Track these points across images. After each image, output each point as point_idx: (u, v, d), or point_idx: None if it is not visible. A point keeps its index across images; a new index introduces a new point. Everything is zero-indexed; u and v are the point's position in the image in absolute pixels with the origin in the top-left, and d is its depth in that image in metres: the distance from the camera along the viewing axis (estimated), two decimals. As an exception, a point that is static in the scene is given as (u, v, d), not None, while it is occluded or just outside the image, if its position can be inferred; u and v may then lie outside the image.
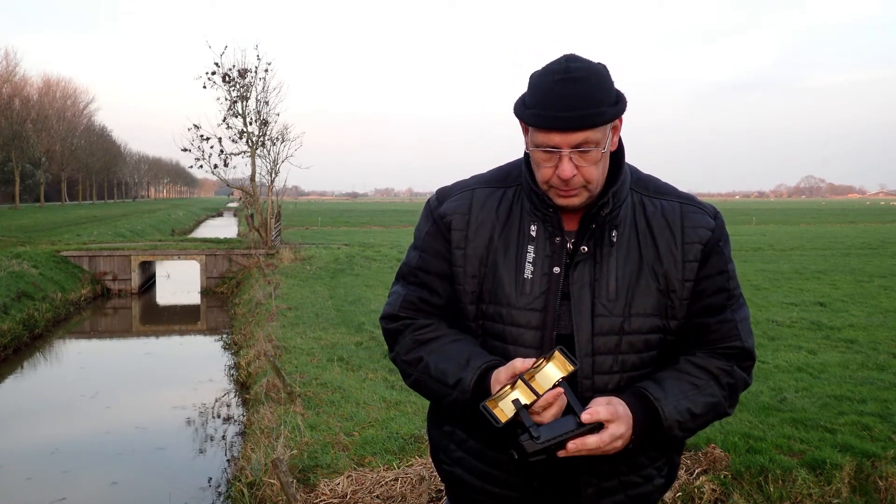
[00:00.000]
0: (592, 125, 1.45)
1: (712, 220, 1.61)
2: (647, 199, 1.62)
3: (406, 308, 1.67)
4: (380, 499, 4.29)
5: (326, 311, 11.29)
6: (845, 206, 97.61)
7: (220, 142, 21.29)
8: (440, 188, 1.73)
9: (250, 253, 19.65)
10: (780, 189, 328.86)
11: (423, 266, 1.66)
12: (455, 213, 1.64)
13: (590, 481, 1.57)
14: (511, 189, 1.64)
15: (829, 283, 13.83)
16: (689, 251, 1.57)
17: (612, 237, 1.57)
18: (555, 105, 1.45)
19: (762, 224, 43.84)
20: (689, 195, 1.67)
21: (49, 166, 61.45)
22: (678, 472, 1.74)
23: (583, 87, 1.45)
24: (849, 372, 6.79)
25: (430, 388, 1.61)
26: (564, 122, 1.44)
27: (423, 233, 1.68)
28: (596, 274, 1.55)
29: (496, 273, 1.59)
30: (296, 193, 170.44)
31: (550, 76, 1.48)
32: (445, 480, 1.74)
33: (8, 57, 54.42)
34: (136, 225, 35.28)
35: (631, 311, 1.54)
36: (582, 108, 1.44)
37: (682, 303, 1.57)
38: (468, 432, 1.65)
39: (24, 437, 8.19)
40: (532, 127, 1.50)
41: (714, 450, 4.54)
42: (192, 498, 6.22)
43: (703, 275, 1.58)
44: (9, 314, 12.67)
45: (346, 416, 5.81)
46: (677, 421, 1.51)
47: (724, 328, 1.59)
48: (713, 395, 1.56)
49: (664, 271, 1.56)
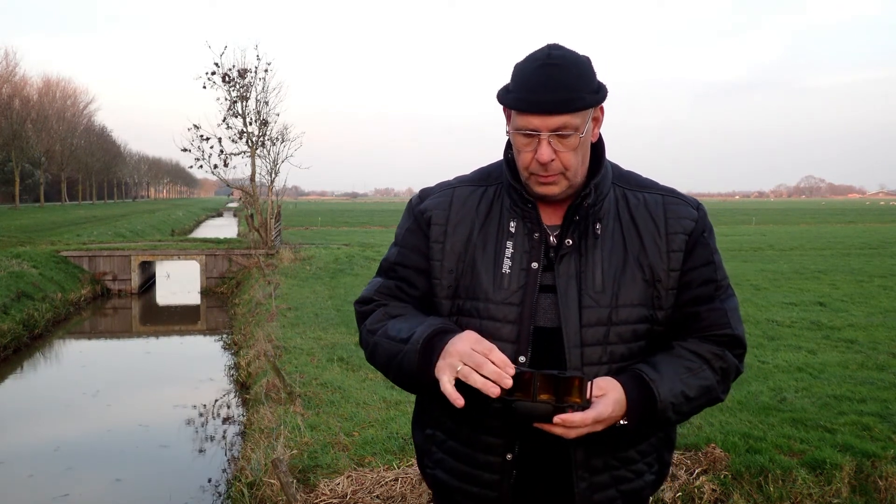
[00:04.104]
0: (571, 109, 1.48)
1: (695, 211, 1.64)
2: (629, 192, 1.64)
3: (381, 293, 1.69)
4: (380, 499, 4.29)
5: (326, 311, 11.29)
6: (845, 206, 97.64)
7: (220, 142, 21.29)
8: (423, 188, 1.77)
9: (250, 253, 19.65)
10: (780, 189, 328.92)
11: (402, 261, 1.69)
12: (435, 209, 1.66)
13: (582, 476, 1.56)
14: (492, 188, 1.67)
15: (829, 283, 13.82)
16: (673, 241, 1.59)
17: (596, 230, 1.59)
18: (535, 89, 1.48)
19: (762, 224, 43.85)
20: (672, 188, 1.69)
21: (49, 166, 61.44)
22: (669, 470, 1.73)
23: (563, 73, 1.48)
24: (849, 372, 6.79)
25: (386, 350, 1.58)
26: (544, 105, 1.48)
27: (404, 229, 1.71)
28: (581, 266, 1.57)
29: (474, 268, 1.60)
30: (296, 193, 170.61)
31: (533, 62, 1.51)
32: (430, 484, 1.74)
33: (8, 57, 54.38)
34: (136, 225, 35.29)
35: (618, 301, 1.55)
36: (561, 93, 1.47)
37: (669, 293, 1.59)
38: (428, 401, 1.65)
39: (25, 436, 8.20)
40: (513, 110, 1.53)
41: (714, 450, 4.54)
42: (192, 498, 6.22)
43: (690, 266, 1.60)
44: (9, 314, 12.67)
45: (346, 416, 5.81)
46: (671, 403, 1.51)
47: (713, 316, 1.60)
48: (706, 378, 1.56)
49: (649, 262, 1.58)
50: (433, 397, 1.58)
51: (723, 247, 23.16)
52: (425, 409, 1.74)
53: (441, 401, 1.51)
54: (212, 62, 21.71)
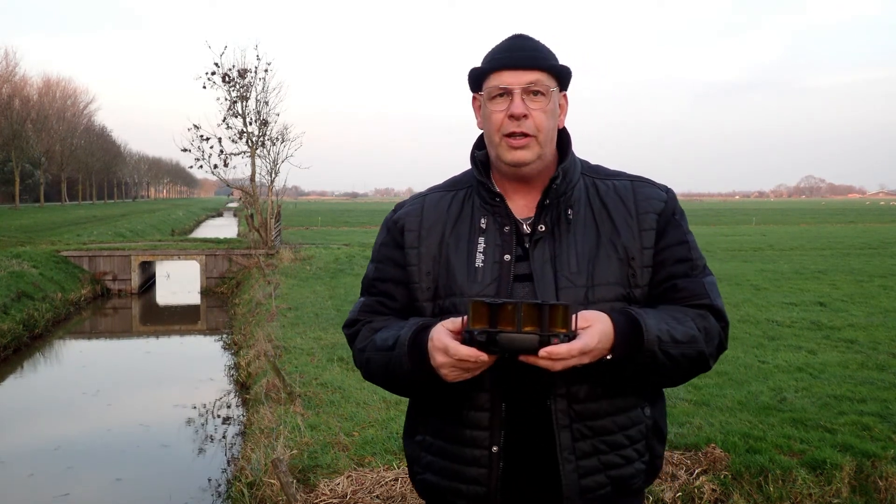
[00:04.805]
0: (542, 66, 1.59)
1: (664, 193, 1.69)
2: (598, 181, 1.70)
3: (364, 312, 1.74)
4: (380, 499, 4.29)
5: (326, 311, 11.29)
6: (845, 206, 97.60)
7: (220, 142, 21.31)
8: (397, 203, 1.82)
9: (250, 253, 19.65)
10: (780, 189, 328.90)
11: (380, 276, 1.74)
12: (408, 217, 1.72)
13: (568, 458, 1.56)
14: (462, 191, 1.72)
15: (829, 283, 13.82)
16: (643, 221, 1.63)
17: (568, 215, 1.63)
18: (507, 49, 1.61)
19: (762, 224, 43.86)
20: (640, 175, 1.74)
21: (49, 166, 61.46)
22: (661, 464, 1.72)
23: (531, 41, 1.63)
24: (849, 372, 6.79)
25: (378, 362, 1.63)
26: (516, 59, 1.58)
27: (379, 244, 1.77)
28: (556, 250, 1.60)
29: (449, 267, 1.63)
30: (296, 193, 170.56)
31: (502, 41, 1.65)
32: (420, 491, 1.75)
33: (8, 57, 54.42)
34: (136, 225, 35.31)
35: (594, 281, 1.58)
36: (532, 51, 1.60)
37: (644, 270, 1.61)
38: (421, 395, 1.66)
39: (25, 435, 8.21)
40: (487, 72, 1.61)
41: (714, 450, 4.55)
42: (192, 498, 6.23)
43: (663, 245, 1.63)
44: (9, 314, 12.67)
45: (346, 416, 5.81)
46: (658, 337, 1.49)
47: (691, 286, 1.62)
48: (692, 328, 1.56)
49: (622, 242, 1.61)
50: (431, 394, 1.61)
51: (723, 247, 23.23)
52: (414, 417, 1.76)
53: (435, 396, 1.58)
54: (212, 62, 21.74)
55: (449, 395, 1.59)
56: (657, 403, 1.69)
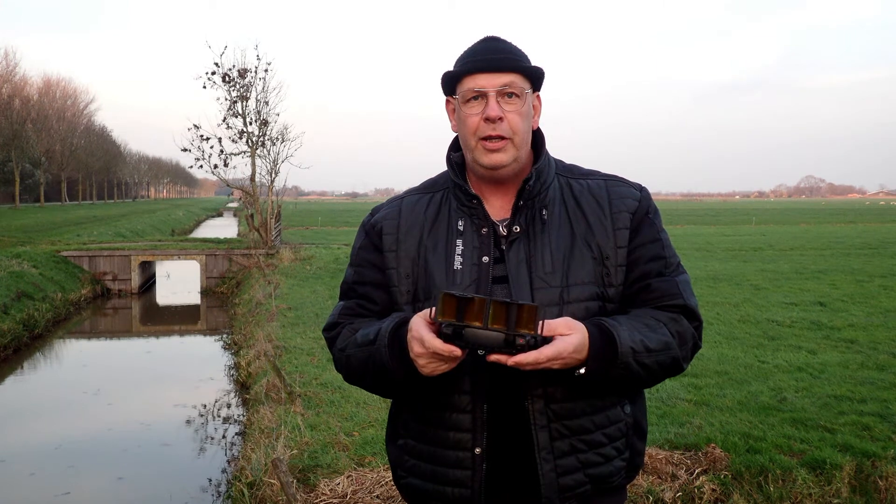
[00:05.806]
0: (515, 67, 1.59)
1: (637, 192, 1.69)
2: (573, 181, 1.70)
3: (344, 315, 1.74)
4: (380, 499, 4.29)
5: (326, 311, 11.28)
6: (845, 206, 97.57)
7: (220, 142, 21.31)
8: (374, 206, 1.82)
9: (250, 253, 19.65)
10: (780, 189, 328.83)
11: (359, 279, 1.74)
12: (385, 220, 1.72)
13: (546, 458, 1.57)
14: (439, 193, 1.73)
15: (829, 283, 13.82)
16: (617, 220, 1.64)
17: (542, 216, 1.64)
18: (480, 53, 1.61)
19: (762, 224, 43.83)
20: (614, 174, 1.75)
21: (49, 166, 61.43)
22: (643, 460, 1.73)
23: (504, 43, 1.63)
24: (849, 372, 6.79)
25: (359, 358, 1.62)
26: (490, 62, 1.58)
27: (357, 248, 1.77)
28: (531, 251, 1.61)
29: (427, 269, 1.64)
30: (296, 193, 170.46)
31: (474, 44, 1.65)
32: (405, 495, 1.75)
33: (8, 57, 54.28)
34: (136, 225, 35.29)
35: (568, 280, 1.59)
36: (505, 54, 1.60)
37: (618, 269, 1.62)
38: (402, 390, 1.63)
39: (26, 435, 8.21)
40: (461, 75, 1.61)
41: (714, 450, 4.55)
42: (193, 497, 6.23)
43: (637, 244, 1.64)
44: (9, 314, 12.67)
45: (346, 416, 5.82)
46: (632, 348, 1.50)
47: (664, 286, 1.62)
48: (665, 335, 1.57)
49: (596, 241, 1.62)
50: (411, 391, 1.60)
51: (723, 247, 23.23)
52: (396, 420, 1.75)
53: (415, 393, 1.60)
54: (212, 62, 21.72)
55: (429, 394, 1.59)
56: (637, 401, 1.70)
